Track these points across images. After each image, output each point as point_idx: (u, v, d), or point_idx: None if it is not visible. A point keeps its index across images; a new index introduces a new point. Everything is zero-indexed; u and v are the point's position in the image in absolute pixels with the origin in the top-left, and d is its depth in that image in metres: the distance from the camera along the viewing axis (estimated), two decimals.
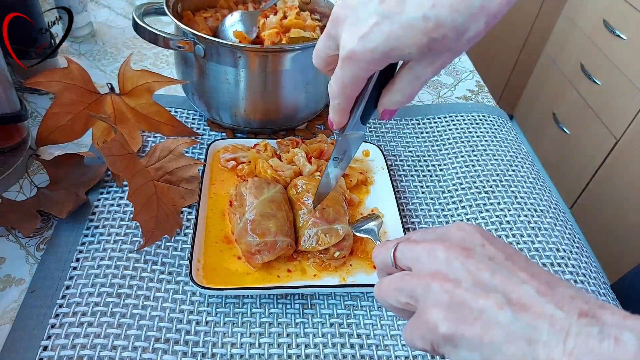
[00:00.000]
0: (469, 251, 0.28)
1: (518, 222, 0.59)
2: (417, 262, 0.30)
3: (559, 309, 0.24)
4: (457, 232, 0.30)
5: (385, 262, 0.33)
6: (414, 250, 0.31)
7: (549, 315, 0.24)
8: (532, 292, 0.26)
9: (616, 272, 1.48)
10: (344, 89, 0.36)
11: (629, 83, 1.49)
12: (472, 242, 0.29)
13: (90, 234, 0.52)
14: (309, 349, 0.45)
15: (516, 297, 0.25)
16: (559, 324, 0.24)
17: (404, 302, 0.30)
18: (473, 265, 0.27)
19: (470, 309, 0.26)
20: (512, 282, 0.26)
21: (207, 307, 0.47)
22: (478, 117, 0.76)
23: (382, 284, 0.32)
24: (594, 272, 0.56)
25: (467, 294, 0.26)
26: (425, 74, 0.34)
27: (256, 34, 0.65)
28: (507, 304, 0.25)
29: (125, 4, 0.99)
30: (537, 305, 0.25)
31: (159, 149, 0.58)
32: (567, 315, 0.24)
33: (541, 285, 0.26)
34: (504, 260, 0.28)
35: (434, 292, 0.27)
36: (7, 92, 0.56)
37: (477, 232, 0.30)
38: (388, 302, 0.31)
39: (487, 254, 0.28)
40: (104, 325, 0.44)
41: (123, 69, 0.57)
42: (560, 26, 1.89)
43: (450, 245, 0.29)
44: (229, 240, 0.52)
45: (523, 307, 0.25)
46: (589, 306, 0.25)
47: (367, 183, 0.61)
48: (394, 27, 0.30)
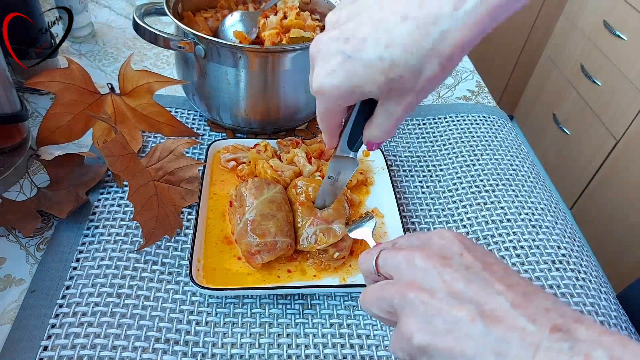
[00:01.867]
0: (446, 260, 0.28)
1: (519, 220, 0.59)
2: (396, 270, 0.30)
3: (531, 322, 0.24)
4: (438, 240, 0.30)
5: (369, 269, 0.33)
6: (394, 258, 0.31)
7: (520, 329, 0.24)
8: (506, 304, 0.25)
9: (616, 272, 1.48)
10: (321, 119, 0.39)
11: (629, 83, 1.49)
12: (451, 250, 0.29)
13: (91, 234, 0.52)
14: (309, 349, 0.45)
15: (489, 309, 0.25)
16: (529, 338, 0.24)
17: (385, 311, 0.30)
18: (449, 274, 0.27)
19: (443, 320, 0.26)
20: (486, 293, 0.26)
21: (207, 307, 0.47)
22: (478, 118, 0.76)
23: (365, 293, 0.32)
24: (594, 270, 0.56)
25: (441, 304, 0.26)
26: (396, 112, 0.34)
27: (256, 34, 0.65)
28: (479, 315, 0.25)
29: (125, 4, 0.99)
30: (509, 318, 0.25)
31: (159, 149, 0.58)
32: (539, 329, 0.24)
33: (517, 297, 0.25)
34: (481, 269, 0.27)
35: (410, 302, 0.27)
36: (7, 92, 0.56)
37: (457, 240, 0.29)
38: (372, 311, 0.31)
39: (464, 262, 0.28)
40: (104, 325, 0.44)
41: (123, 69, 0.57)
42: (560, 27, 1.89)
43: (428, 253, 0.29)
44: (229, 241, 0.52)
45: (495, 319, 0.25)
46: (563, 320, 0.24)
47: (367, 183, 0.61)
48: (356, 66, 0.32)
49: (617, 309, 0.52)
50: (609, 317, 0.50)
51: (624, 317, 0.52)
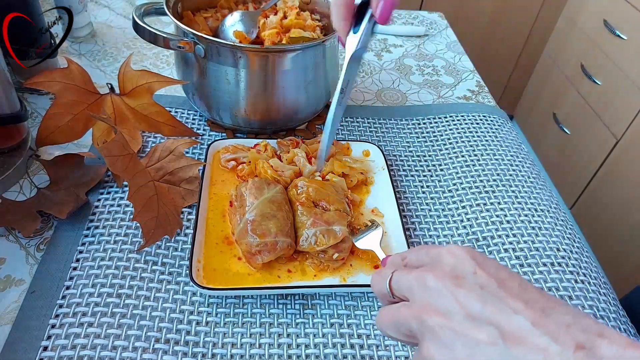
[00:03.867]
0: (459, 280, 0.28)
1: (518, 221, 0.59)
2: (410, 292, 0.30)
3: (554, 342, 0.24)
4: (450, 259, 0.29)
5: (383, 292, 0.33)
6: (407, 280, 0.30)
7: (543, 349, 0.24)
8: (527, 323, 0.25)
9: (617, 272, 1.48)
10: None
11: (630, 83, 1.49)
12: (464, 269, 0.28)
13: (91, 234, 0.52)
14: (309, 349, 0.45)
15: (509, 330, 0.25)
16: (554, 358, 0.23)
17: (403, 334, 0.29)
18: (463, 295, 0.27)
19: (463, 345, 0.25)
20: (504, 313, 0.25)
21: (208, 307, 0.47)
22: (478, 117, 0.76)
23: (381, 316, 0.31)
24: (594, 271, 0.56)
25: (460, 327, 0.26)
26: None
27: (256, 34, 0.65)
28: (500, 337, 0.25)
29: (125, 4, 0.99)
30: (531, 338, 0.24)
31: (159, 149, 0.58)
32: (563, 349, 0.23)
33: (535, 314, 0.25)
34: (496, 288, 0.27)
35: (428, 328, 0.27)
36: (7, 92, 0.56)
37: (469, 257, 0.29)
38: (389, 334, 0.31)
39: (478, 282, 0.27)
40: (104, 325, 0.44)
41: (123, 69, 0.57)
42: (560, 26, 1.89)
43: (441, 274, 0.28)
44: (230, 241, 0.52)
45: (517, 340, 0.24)
46: (586, 336, 0.24)
47: (368, 183, 0.61)
48: None
49: (617, 310, 0.52)
50: (608, 318, 0.50)
51: (624, 318, 0.52)
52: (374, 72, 0.87)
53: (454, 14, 1.91)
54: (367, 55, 0.92)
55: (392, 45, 0.96)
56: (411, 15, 1.08)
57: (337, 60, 0.70)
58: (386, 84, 0.84)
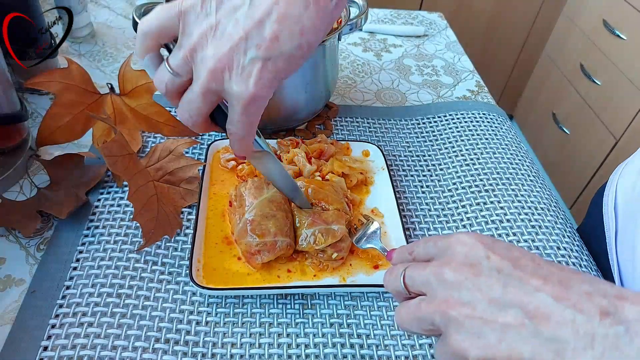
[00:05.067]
0: (475, 267, 0.28)
1: (518, 220, 0.59)
2: (428, 287, 0.30)
3: (579, 312, 0.24)
4: (460, 248, 0.30)
5: (398, 290, 0.33)
6: (422, 275, 0.31)
7: (570, 322, 0.24)
8: (549, 299, 0.25)
9: None
10: (251, 128, 0.40)
11: (629, 83, 1.49)
12: (476, 256, 0.29)
13: (91, 234, 0.52)
14: (309, 349, 0.45)
15: (534, 308, 0.25)
16: (582, 329, 0.24)
17: (427, 330, 0.30)
18: (483, 283, 0.27)
19: (492, 331, 0.26)
20: (526, 293, 0.26)
21: (207, 307, 0.47)
22: (478, 115, 0.76)
23: (400, 314, 0.31)
24: (594, 270, 0.56)
25: (485, 315, 0.26)
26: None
27: None
28: (526, 317, 0.25)
29: (125, 4, 0.99)
30: (556, 313, 0.25)
31: (159, 149, 0.58)
32: (589, 318, 0.24)
33: (555, 288, 0.25)
34: (512, 269, 0.27)
35: (454, 320, 0.27)
36: (7, 92, 0.56)
37: (479, 243, 0.29)
38: (411, 330, 0.31)
39: (494, 266, 0.28)
40: (104, 325, 0.44)
41: (123, 69, 0.57)
42: (560, 26, 1.89)
43: (456, 265, 0.29)
44: (229, 241, 0.52)
45: (543, 317, 0.25)
46: (607, 301, 0.24)
47: (367, 183, 0.61)
48: (278, 63, 0.35)
49: None
50: None
51: None
52: (373, 72, 0.87)
53: (454, 14, 1.92)
54: (366, 55, 0.92)
55: (391, 45, 0.96)
56: (411, 15, 1.08)
57: (337, 60, 0.70)
58: (386, 84, 0.84)
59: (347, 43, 0.95)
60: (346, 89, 0.82)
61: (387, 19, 1.05)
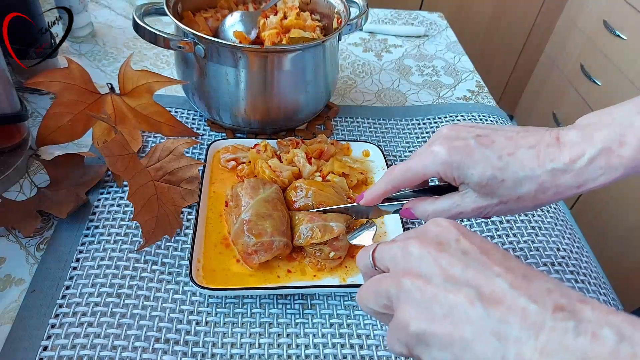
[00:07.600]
0: (442, 246, 0.28)
1: (518, 221, 0.59)
2: (393, 261, 0.30)
3: (533, 302, 0.23)
4: (434, 228, 0.30)
5: (366, 264, 0.32)
6: (390, 249, 0.30)
7: (521, 309, 0.23)
8: (506, 285, 0.24)
9: (617, 272, 1.48)
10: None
11: (629, 83, 1.49)
12: (447, 237, 0.28)
13: (91, 234, 0.52)
14: (308, 349, 0.45)
15: (488, 292, 0.24)
16: (531, 318, 0.23)
17: (382, 305, 0.29)
18: (445, 260, 0.27)
19: (440, 306, 0.25)
20: (485, 276, 0.25)
21: (207, 307, 0.47)
22: (478, 117, 0.76)
23: (361, 289, 0.31)
24: (594, 272, 0.56)
25: (437, 290, 0.26)
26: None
27: (256, 34, 0.65)
28: (478, 298, 0.24)
29: (125, 4, 0.99)
30: (509, 299, 0.24)
31: (159, 149, 0.58)
32: (541, 309, 0.23)
33: (516, 279, 0.25)
34: (478, 254, 0.27)
35: (405, 290, 0.27)
36: (7, 92, 0.56)
37: (453, 227, 0.29)
38: (368, 306, 0.30)
39: (461, 248, 0.27)
40: (104, 325, 0.44)
41: (123, 69, 0.57)
42: (560, 26, 1.89)
43: (424, 241, 0.28)
44: (227, 243, 0.52)
45: (495, 301, 0.24)
46: (567, 300, 0.23)
47: (367, 183, 0.61)
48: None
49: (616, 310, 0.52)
50: None
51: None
52: (373, 73, 0.87)
53: (454, 14, 1.91)
54: (367, 55, 0.92)
55: (392, 46, 0.96)
56: (411, 16, 1.08)
57: (337, 60, 0.70)
58: (386, 84, 0.84)
59: (347, 43, 0.95)
60: (346, 89, 0.82)
61: (387, 19, 1.05)
